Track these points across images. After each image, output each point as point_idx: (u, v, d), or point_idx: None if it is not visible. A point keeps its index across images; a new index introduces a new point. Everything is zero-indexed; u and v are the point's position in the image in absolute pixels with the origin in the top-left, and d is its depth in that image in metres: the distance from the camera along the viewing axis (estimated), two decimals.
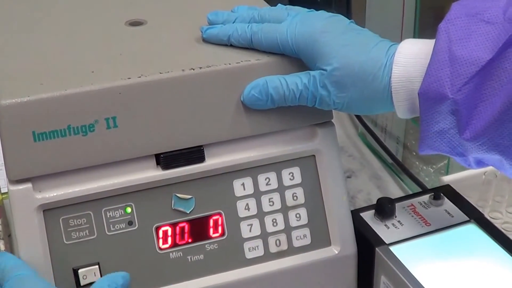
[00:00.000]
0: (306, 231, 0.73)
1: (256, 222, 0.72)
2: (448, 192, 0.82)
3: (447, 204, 0.80)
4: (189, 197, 0.70)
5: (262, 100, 0.67)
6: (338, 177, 0.74)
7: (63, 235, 0.67)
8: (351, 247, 0.75)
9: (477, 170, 0.78)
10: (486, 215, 0.83)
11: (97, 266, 0.67)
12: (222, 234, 0.71)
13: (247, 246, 0.72)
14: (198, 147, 0.69)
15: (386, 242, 0.74)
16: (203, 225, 0.70)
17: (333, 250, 0.74)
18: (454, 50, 0.59)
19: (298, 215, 0.73)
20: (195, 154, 0.69)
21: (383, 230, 0.76)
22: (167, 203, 0.69)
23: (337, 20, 0.68)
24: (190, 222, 0.70)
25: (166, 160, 0.68)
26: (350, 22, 0.68)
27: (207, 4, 0.79)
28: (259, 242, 0.72)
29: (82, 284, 0.67)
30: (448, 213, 0.78)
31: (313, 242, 0.74)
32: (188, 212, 0.70)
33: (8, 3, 0.84)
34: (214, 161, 0.70)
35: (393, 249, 0.73)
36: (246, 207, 0.72)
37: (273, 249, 0.72)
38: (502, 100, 0.56)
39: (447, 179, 0.88)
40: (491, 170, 0.86)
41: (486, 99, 0.58)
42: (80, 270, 0.67)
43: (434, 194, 0.80)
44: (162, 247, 0.69)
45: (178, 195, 0.69)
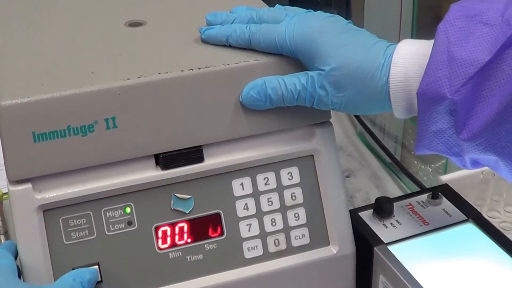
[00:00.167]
0: (305, 231, 0.74)
1: (255, 222, 0.72)
2: (446, 191, 0.82)
3: (445, 203, 0.80)
4: (188, 197, 0.70)
5: (261, 100, 0.68)
6: (336, 176, 0.74)
7: (63, 235, 0.67)
8: (350, 247, 0.75)
9: (475, 170, 0.78)
10: (484, 214, 0.83)
11: (96, 266, 0.67)
12: (221, 234, 0.71)
13: (246, 246, 0.72)
14: (197, 147, 0.69)
15: (385, 242, 0.74)
16: (202, 225, 0.70)
17: (331, 250, 0.74)
18: (452, 51, 0.59)
19: (296, 215, 0.73)
20: (194, 154, 0.69)
21: (382, 230, 0.76)
22: (167, 203, 0.69)
23: (334, 20, 0.68)
24: (189, 222, 0.70)
25: (165, 160, 0.68)
26: (348, 23, 0.68)
27: (206, 5, 0.79)
28: (258, 242, 0.72)
29: None
30: (446, 212, 0.78)
31: (311, 242, 0.74)
32: (187, 212, 0.70)
33: (8, 4, 0.84)
34: (213, 161, 0.70)
35: (391, 248, 0.73)
36: (245, 207, 0.72)
37: (272, 248, 0.73)
38: (499, 101, 0.57)
39: (445, 179, 0.88)
40: (489, 169, 0.86)
41: (484, 100, 0.58)
42: None
43: (432, 193, 0.80)
44: (162, 247, 0.69)
45: (177, 195, 0.70)
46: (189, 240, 0.70)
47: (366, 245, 0.75)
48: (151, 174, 0.68)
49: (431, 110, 0.60)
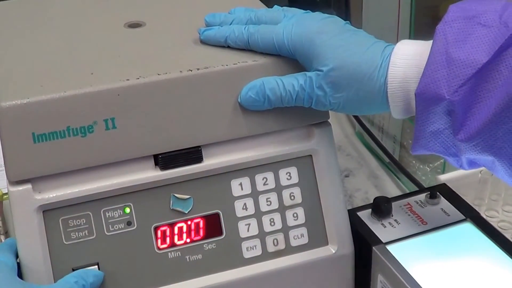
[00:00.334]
0: (304, 231, 0.74)
1: (253, 222, 0.72)
2: (444, 191, 0.82)
3: (444, 203, 0.80)
4: (187, 197, 0.70)
5: (259, 101, 0.68)
6: (335, 176, 0.75)
7: (63, 236, 0.67)
8: (348, 246, 0.75)
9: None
10: (482, 214, 0.84)
11: (96, 266, 0.67)
12: (220, 233, 0.71)
13: (245, 245, 0.72)
14: (196, 148, 0.69)
15: (383, 241, 0.74)
16: (201, 225, 0.71)
17: (330, 249, 0.75)
18: (451, 52, 0.59)
19: (295, 215, 0.74)
20: (193, 155, 0.69)
21: (380, 229, 0.76)
22: (166, 203, 0.70)
23: (332, 21, 0.68)
24: (188, 222, 0.70)
25: (164, 160, 0.68)
26: (346, 23, 0.68)
27: (205, 6, 0.79)
28: (257, 242, 0.72)
29: None
30: (444, 212, 0.78)
31: (310, 242, 0.74)
32: (186, 212, 0.70)
33: (7, 6, 0.84)
34: (212, 161, 0.70)
35: (389, 248, 0.73)
36: (244, 207, 0.72)
37: (270, 248, 0.73)
38: (496, 102, 0.57)
39: (444, 178, 0.88)
40: None
41: (481, 101, 0.58)
42: None
43: (430, 193, 0.80)
44: (161, 247, 0.69)
45: (176, 195, 0.70)
46: (188, 240, 0.70)
47: (364, 244, 0.75)
48: (150, 174, 0.69)
49: (429, 111, 0.61)
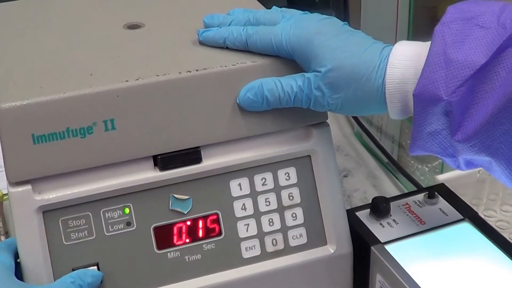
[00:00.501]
0: (302, 231, 0.74)
1: (252, 222, 0.72)
2: (442, 190, 0.82)
3: (442, 202, 0.80)
4: (186, 197, 0.70)
5: (258, 102, 0.68)
6: (333, 176, 0.75)
7: (63, 236, 0.67)
8: (347, 246, 0.75)
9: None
10: (481, 214, 0.84)
11: (95, 267, 0.67)
12: (219, 234, 0.71)
13: (244, 245, 0.72)
14: (195, 148, 0.70)
15: (381, 241, 0.74)
16: (201, 225, 0.71)
17: (329, 249, 0.75)
18: (449, 53, 0.59)
19: (294, 215, 0.74)
20: (192, 155, 0.70)
21: (379, 229, 0.76)
22: (165, 204, 0.70)
23: (331, 22, 0.68)
24: (188, 223, 0.70)
25: (163, 161, 0.69)
26: (344, 24, 0.69)
27: (204, 7, 0.79)
28: (256, 242, 0.72)
29: None
30: (442, 211, 0.79)
31: (309, 241, 0.74)
32: (185, 212, 0.70)
33: (8, 8, 0.84)
34: (211, 162, 0.70)
35: (388, 247, 0.74)
36: (243, 207, 0.72)
37: (269, 248, 0.73)
38: (494, 103, 0.57)
39: (442, 178, 0.88)
40: None
41: (479, 102, 0.58)
42: None
43: (428, 193, 0.81)
44: (160, 247, 0.70)
45: (175, 196, 0.70)
46: (187, 240, 0.70)
47: (363, 244, 0.75)
48: (150, 175, 0.69)
49: (427, 112, 0.61)
